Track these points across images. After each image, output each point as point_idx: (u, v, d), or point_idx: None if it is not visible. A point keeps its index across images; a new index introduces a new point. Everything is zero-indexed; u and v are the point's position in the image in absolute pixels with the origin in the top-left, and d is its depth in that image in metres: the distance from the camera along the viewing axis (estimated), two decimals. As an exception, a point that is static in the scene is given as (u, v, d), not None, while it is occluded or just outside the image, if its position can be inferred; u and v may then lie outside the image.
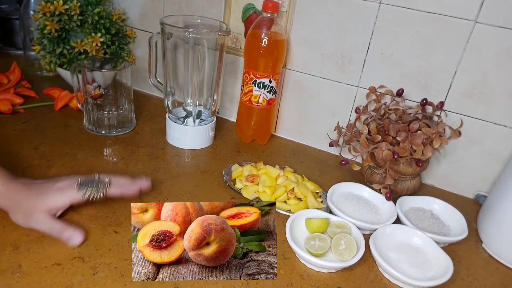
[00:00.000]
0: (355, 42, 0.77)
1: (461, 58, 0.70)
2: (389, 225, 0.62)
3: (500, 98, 0.70)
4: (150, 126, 0.89)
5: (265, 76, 0.80)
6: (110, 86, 0.80)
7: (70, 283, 0.48)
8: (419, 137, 0.66)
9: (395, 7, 0.72)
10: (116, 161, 0.74)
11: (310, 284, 0.53)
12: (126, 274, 0.50)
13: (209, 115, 0.85)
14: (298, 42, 0.83)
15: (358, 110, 0.76)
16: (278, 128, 0.93)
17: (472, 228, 0.69)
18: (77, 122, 0.85)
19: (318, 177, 0.78)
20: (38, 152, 0.73)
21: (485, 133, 0.73)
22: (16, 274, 0.48)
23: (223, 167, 0.76)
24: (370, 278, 0.56)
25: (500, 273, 0.61)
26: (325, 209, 0.66)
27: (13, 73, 0.95)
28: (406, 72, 0.75)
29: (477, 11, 0.66)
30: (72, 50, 0.90)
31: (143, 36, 0.99)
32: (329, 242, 0.57)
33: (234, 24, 0.87)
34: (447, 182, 0.80)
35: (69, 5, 0.86)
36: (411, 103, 0.76)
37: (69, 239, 0.53)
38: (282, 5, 0.80)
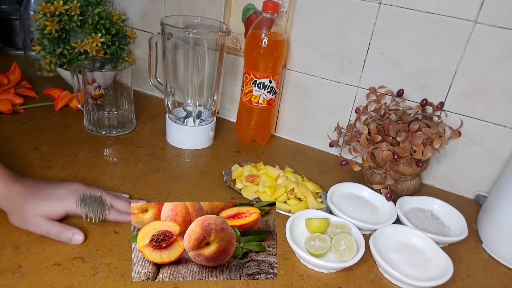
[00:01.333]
0: (355, 42, 0.77)
1: (461, 58, 0.70)
2: (389, 226, 0.62)
3: (500, 98, 0.70)
4: (150, 127, 0.89)
5: (265, 76, 0.80)
6: (110, 87, 0.80)
7: (70, 283, 0.48)
8: (419, 138, 0.66)
9: (395, 7, 0.72)
10: (116, 161, 0.74)
11: (310, 284, 0.53)
12: (126, 274, 0.50)
13: (209, 116, 0.85)
14: (298, 43, 0.83)
15: (358, 111, 0.76)
16: (278, 129, 0.93)
17: (472, 228, 0.69)
18: (77, 123, 0.85)
19: (318, 177, 0.78)
20: (38, 152, 0.73)
21: (485, 134, 0.73)
22: (16, 275, 0.48)
23: (223, 167, 0.76)
24: (370, 279, 0.56)
25: (500, 273, 0.61)
26: (325, 210, 0.66)
27: (13, 74, 0.95)
28: (406, 72, 0.75)
29: (477, 12, 0.67)
30: (72, 50, 0.90)
31: (143, 37, 0.99)
32: (329, 243, 0.57)
33: (234, 24, 0.87)
34: (447, 182, 0.80)
35: (69, 6, 0.86)
36: (411, 103, 0.76)
37: (70, 239, 0.53)
38: (282, 5, 0.80)
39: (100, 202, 0.57)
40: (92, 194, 0.57)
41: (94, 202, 0.57)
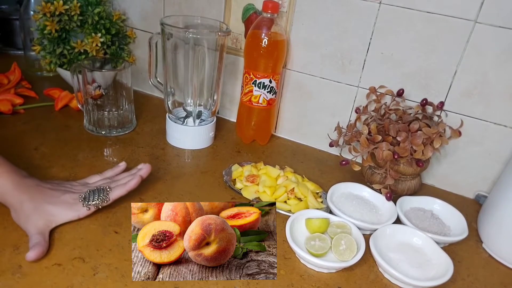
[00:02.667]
0: (355, 42, 0.77)
1: (461, 58, 0.70)
2: (389, 225, 0.62)
3: (500, 98, 0.70)
4: (150, 127, 0.89)
5: (265, 76, 0.80)
6: (110, 87, 0.80)
7: (71, 283, 0.48)
8: (420, 137, 0.66)
9: (395, 7, 0.72)
10: (116, 161, 0.74)
11: (310, 284, 0.53)
12: (127, 274, 0.50)
13: (209, 115, 0.85)
14: (298, 42, 0.83)
15: (358, 110, 0.76)
16: (278, 128, 0.93)
17: (472, 228, 0.69)
18: (77, 123, 0.85)
19: (318, 177, 0.78)
20: (38, 153, 0.73)
21: (485, 133, 0.73)
22: (16, 275, 0.48)
23: (223, 167, 0.76)
24: (370, 278, 0.56)
25: (500, 273, 0.61)
26: (325, 209, 0.66)
27: (13, 74, 0.95)
28: (406, 72, 0.75)
29: (477, 11, 0.66)
30: (72, 50, 0.90)
31: (143, 37, 0.99)
32: (329, 242, 0.57)
33: (234, 24, 0.87)
34: (447, 182, 0.80)
35: (69, 6, 0.86)
36: (411, 103, 0.76)
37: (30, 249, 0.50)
38: (282, 5, 0.80)
39: (100, 189, 0.59)
40: (90, 189, 0.59)
41: (95, 194, 0.58)
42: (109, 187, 0.60)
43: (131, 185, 0.61)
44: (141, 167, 0.65)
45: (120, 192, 0.60)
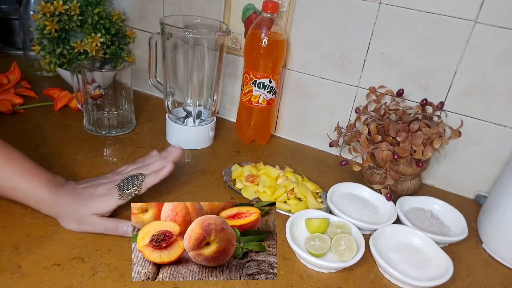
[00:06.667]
0: (355, 42, 0.77)
1: (461, 58, 0.70)
2: (389, 225, 0.62)
3: (500, 98, 0.70)
4: (150, 126, 0.89)
5: (265, 76, 0.80)
6: (110, 87, 0.80)
7: (70, 283, 0.48)
8: (419, 137, 0.66)
9: (395, 7, 0.72)
10: (116, 161, 0.74)
11: (310, 284, 0.53)
12: (126, 274, 0.50)
13: (209, 115, 0.85)
14: (298, 42, 0.83)
15: (358, 110, 0.76)
16: (278, 128, 0.93)
17: (472, 228, 0.69)
18: (77, 123, 0.85)
19: (318, 177, 0.78)
20: (38, 153, 0.73)
21: (485, 133, 0.73)
22: (15, 275, 0.48)
23: (223, 167, 0.76)
24: (370, 279, 0.56)
25: (500, 273, 0.61)
26: (325, 209, 0.66)
27: (13, 73, 0.95)
28: (406, 72, 0.75)
29: (477, 11, 0.66)
30: (72, 50, 0.90)
31: (143, 36, 0.99)
32: (329, 243, 0.57)
33: (234, 24, 0.87)
34: (447, 182, 0.80)
35: (69, 5, 0.86)
36: (411, 103, 0.76)
37: (126, 232, 0.55)
38: (282, 5, 0.80)
39: (135, 177, 0.58)
40: (123, 178, 0.58)
41: (129, 180, 0.58)
42: (142, 175, 0.58)
43: (164, 173, 0.59)
44: (171, 151, 0.62)
45: (153, 180, 0.58)
